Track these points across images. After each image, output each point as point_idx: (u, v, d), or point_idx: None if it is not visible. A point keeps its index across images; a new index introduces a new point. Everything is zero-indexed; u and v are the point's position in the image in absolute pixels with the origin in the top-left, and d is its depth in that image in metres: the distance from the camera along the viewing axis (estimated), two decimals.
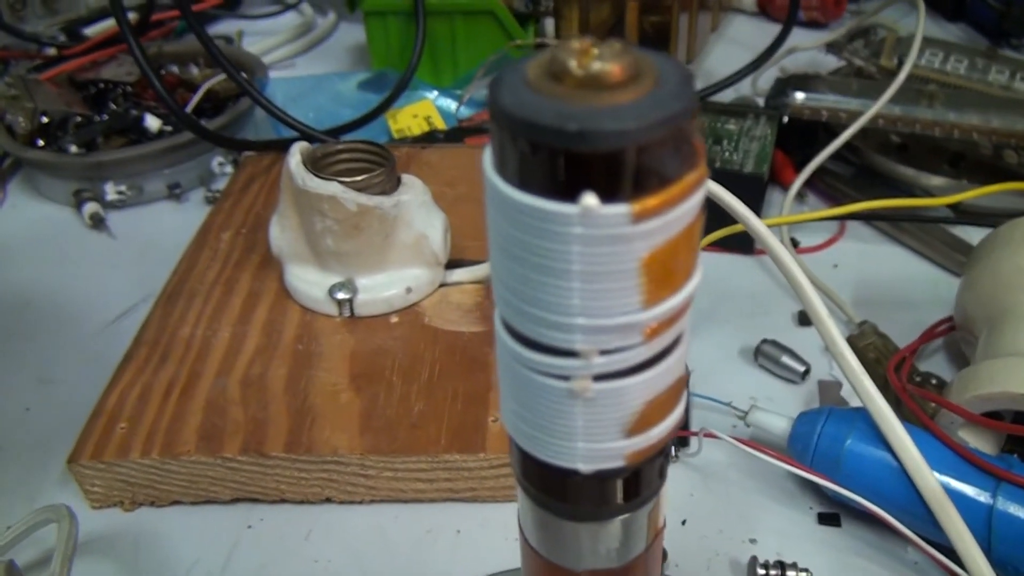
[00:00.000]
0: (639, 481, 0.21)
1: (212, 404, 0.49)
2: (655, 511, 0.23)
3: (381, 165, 0.53)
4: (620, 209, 0.17)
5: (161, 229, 0.71)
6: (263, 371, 0.51)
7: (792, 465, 0.45)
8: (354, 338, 0.53)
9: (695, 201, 0.18)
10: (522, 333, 0.19)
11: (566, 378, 0.19)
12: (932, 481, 0.42)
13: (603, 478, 0.21)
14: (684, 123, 0.17)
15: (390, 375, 0.50)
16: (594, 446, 0.20)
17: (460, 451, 0.46)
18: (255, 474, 0.47)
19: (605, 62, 0.17)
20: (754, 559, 0.44)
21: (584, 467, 0.20)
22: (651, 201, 0.17)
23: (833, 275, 0.62)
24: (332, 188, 0.51)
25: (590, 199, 0.17)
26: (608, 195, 0.17)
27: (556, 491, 0.21)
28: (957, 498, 0.41)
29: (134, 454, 0.47)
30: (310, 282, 0.54)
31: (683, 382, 0.21)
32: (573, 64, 0.17)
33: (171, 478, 0.48)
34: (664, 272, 0.18)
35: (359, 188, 0.51)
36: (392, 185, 0.53)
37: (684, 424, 0.49)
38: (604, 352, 0.19)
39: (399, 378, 0.50)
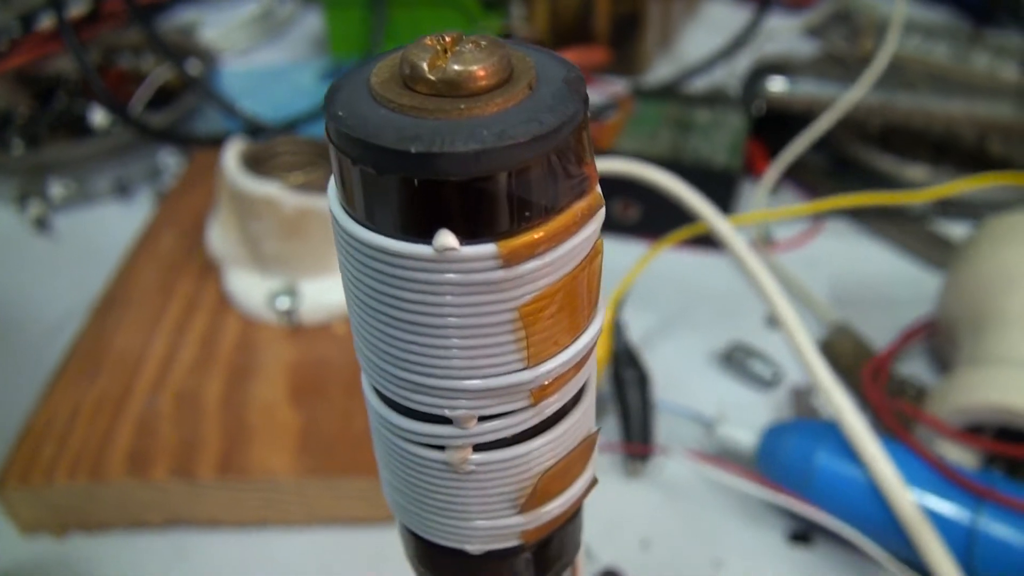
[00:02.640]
0: (546, 555, 0.18)
1: (143, 423, 0.46)
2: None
3: (323, 161, 0.49)
4: (485, 250, 0.13)
5: (107, 230, 0.67)
6: (197, 386, 0.47)
7: (759, 484, 0.42)
8: (295, 349, 0.49)
9: (585, 236, 0.14)
10: (386, 395, 0.16)
11: (441, 448, 0.16)
12: (908, 500, 0.38)
13: (500, 558, 0.17)
14: (566, 139, 0.13)
15: (332, 389, 0.47)
16: (482, 524, 0.16)
17: None
18: (186, 498, 0.44)
19: (465, 63, 0.13)
20: None
21: (473, 548, 0.17)
22: (524, 239, 0.13)
23: (809, 272, 0.59)
24: (268, 189, 0.47)
25: (446, 238, 0.13)
26: (470, 233, 0.13)
27: (447, 571, 0.18)
28: (935, 518, 0.38)
29: (60, 478, 0.43)
30: (250, 287, 0.51)
31: (590, 444, 0.17)
32: (425, 66, 0.13)
33: (100, 502, 0.44)
34: (552, 322, 0.14)
35: (298, 187, 0.47)
36: None
37: (645, 438, 0.46)
38: (484, 418, 0.15)
39: (341, 392, 0.47)
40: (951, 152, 0.65)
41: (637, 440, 0.46)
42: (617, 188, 0.60)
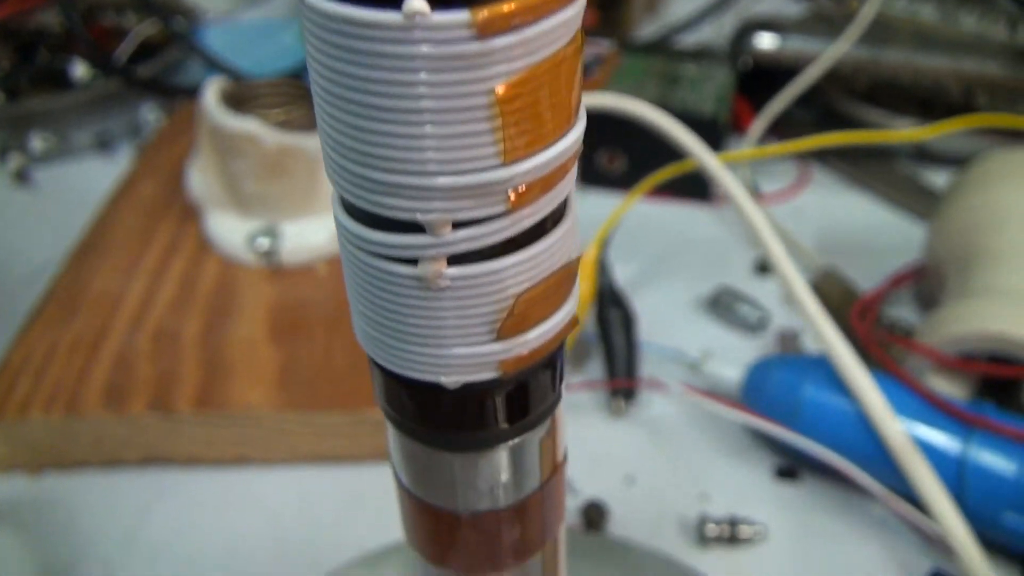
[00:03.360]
0: (524, 398, 0.17)
1: (120, 360, 0.44)
2: (550, 439, 0.18)
3: (304, 101, 0.48)
4: (457, 17, 0.12)
5: (88, 184, 0.65)
6: (176, 325, 0.46)
7: (746, 413, 0.41)
8: (276, 289, 0.48)
9: (563, 19, 0.13)
10: (355, 204, 0.15)
11: (413, 262, 0.15)
12: (898, 429, 0.38)
13: (476, 395, 0.16)
14: None
15: (313, 328, 0.46)
16: (457, 352, 0.15)
17: None
18: (164, 433, 0.43)
19: None
20: (704, 515, 0.39)
21: (448, 380, 0.16)
22: (498, 8, 0.12)
23: (795, 224, 0.58)
24: (249, 126, 0.46)
25: (416, 2, 0.12)
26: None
27: (422, 415, 0.17)
28: (926, 448, 0.37)
29: (35, 413, 0.42)
30: (230, 229, 0.50)
31: (571, 272, 0.16)
32: None
33: (76, 439, 0.43)
34: (529, 114, 0.14)
35: (279, 125, 0.46)
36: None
37: (630, 375, 0.45)
38: (458, 225, 0.14)
39: (323, 331, 0.46)
40: (938, 107, 0.64)
41: (622, 378, 0.45)
42: (602, 139, 0.59)
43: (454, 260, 0.15)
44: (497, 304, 0.15)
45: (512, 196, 0.14)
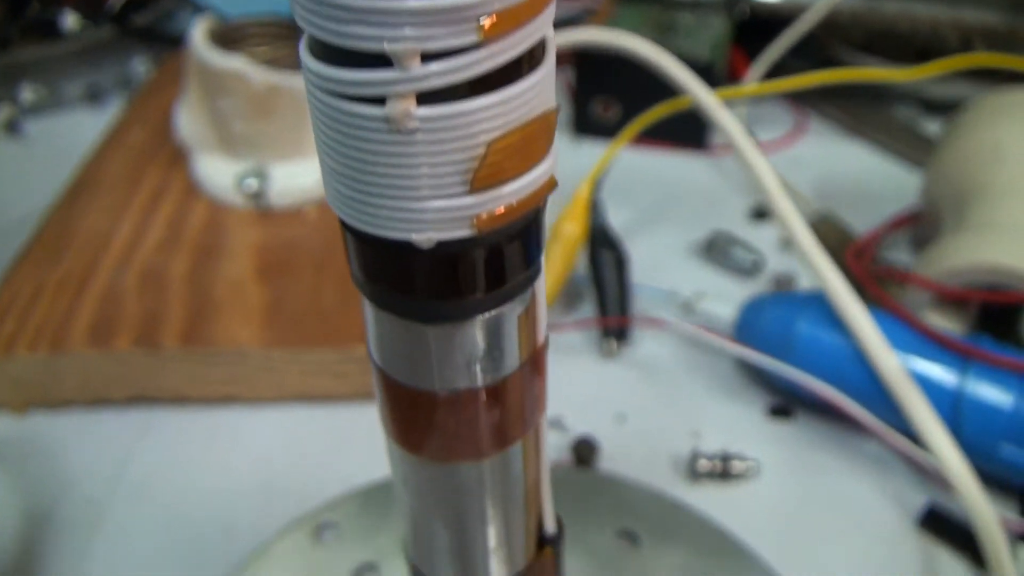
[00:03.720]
0: (499, 265, 0.16)
1: (106, 298, 0.44)
2: (529, 317, 0.17)
3: (293, 39, 0.47)
4: None
5: (78, 135, 0.64)
6: (163, 266, 0.45)
7: (739, 346, 0.40)
8: (264, 231, 0.47)
9: None
10: (321, 39, 0.14)
11: (381, 101, 0.14)
12: (893, 362, 0.37)
13: (450, 256, 0.15)
14: None
15: (302, 268, 0.45)
16: (429, 206, 0.15)
17: None
18: (150, 371, 0.42)
19: None
20: (695, 451, 0.39)
21: (420, 238, 0.15)
22: None
23: (792, 172, 0.57)
24: (237, 64, 0.45)
25: None
26: None
27: (395, 281, 0.16)
28: (922, 381, 0.37)
29: (20, 350, 0.41)
30: (218, 171, 0.49)
31: (548, 125, 0.15)
32: None
33: (62, 376, 0.42)
34: None
35: (267, 63, 0.45)
36: None
37: (622, 313, 0.44)
38: (428, 57, 0.13)
39: (311, 270, 0.45)
40: (935, 57, 0.63)
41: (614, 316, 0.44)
42: (597, 87, 0.58)
43: (424, 99, 0.14)
44: (469, 152, 0.14)
45: (485, 24, 0.13)
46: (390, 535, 0.36)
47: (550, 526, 0.22)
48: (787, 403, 0.42)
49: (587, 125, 0.60)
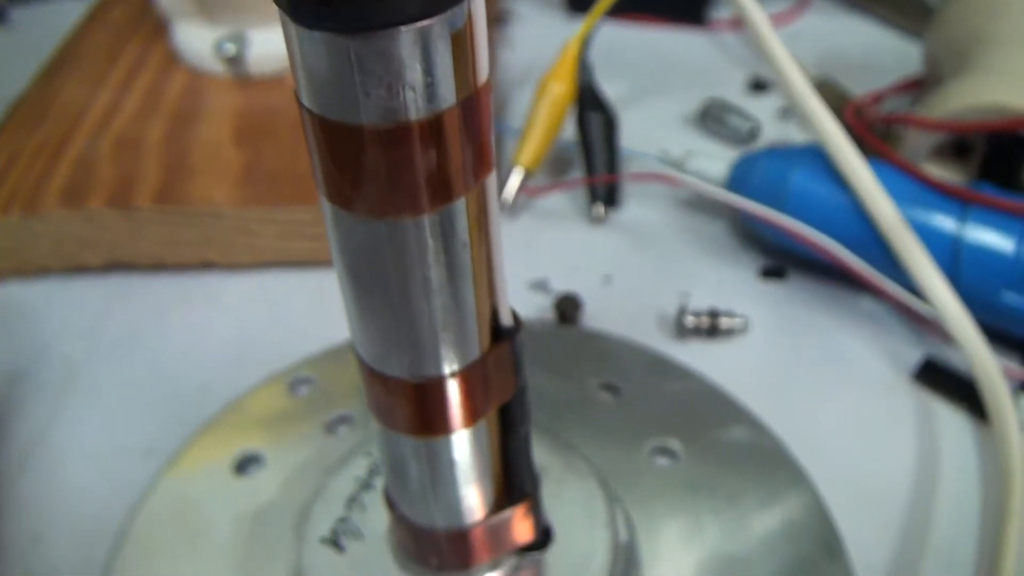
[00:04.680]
0: None
1: (81, 164, 0.42)
2: (464, 41, 0.15)
3: None
4: None
5: (64, 25, 0.62)
6: (140, 132, 0.44)
7: (732, 196, 0.38)
8: (243, 97, 0.45)
9: None
10: None
11: None
12: (890, 210, 0.35)
13: None
14: None
15: (279, 133, 0.43)
16: None
17: None
18: (125, 233, 0.40)
19: None
20: (683, 307, 0.37)
21: None
22: None
23: (793, 47, 0.54)
24: None
25: None
26: None
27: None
28: (920, 229, 0.35)
29: None
30: (197, 38, 0.47)
31: None
32: None
33: (35, 240, 0.41)
34: None
35: None
36: None
37: (611, 171, 0.42)
38: None
39: (289, 135, 0.43)
40: None
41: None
42: None
43: None
44: None
45: None
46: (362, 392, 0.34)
47: (506, 318, 0.20)
48: (780, 264, 0.40)
49: (581, 1, 0.57)
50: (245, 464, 0.33)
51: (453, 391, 0.19)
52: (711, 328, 0.36)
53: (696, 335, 0.37)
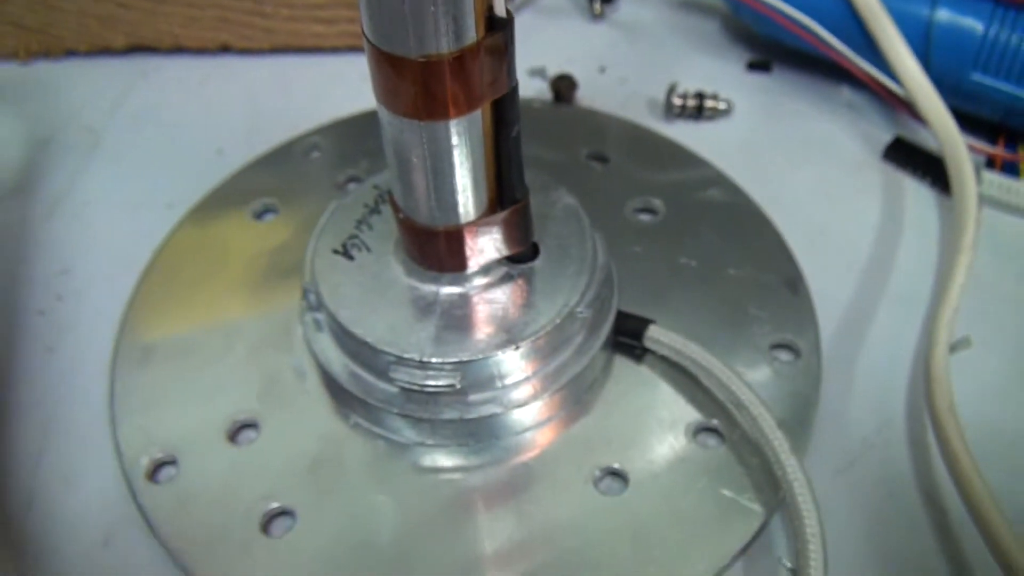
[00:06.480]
0: None
1: None
2: None
3: None
4: None
5: None
6: None
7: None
8: None
9: None
10: None
11: None
12: None
13: None
14: None
15: None
16: None
17: None
18: (145, 11, 0.42)
19: None
20: (672, 86, 0.38)
21: None
22: None
23: None
24: None
25: None
26: None
27: None
28: (895, 11, 0.36)
29: None
30: None
31: None
32: None
33: (60, 18, 0.42)
34: None
35: None
36: None
37: None
38: None
39: None
40: None
41: None
42: None
43: None
44: None
45: None
46: (374, 156, 0.36)
47: (500, 10, 0.22)
48: (766, 58, 0.41)
49: None
50: (261, 212, 0.35)
51: (453, 71, 0.21)
52: (698, 108, 0.38)
53: (683, 116, 0.39)
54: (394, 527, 0.26)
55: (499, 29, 0.22)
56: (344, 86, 0.41)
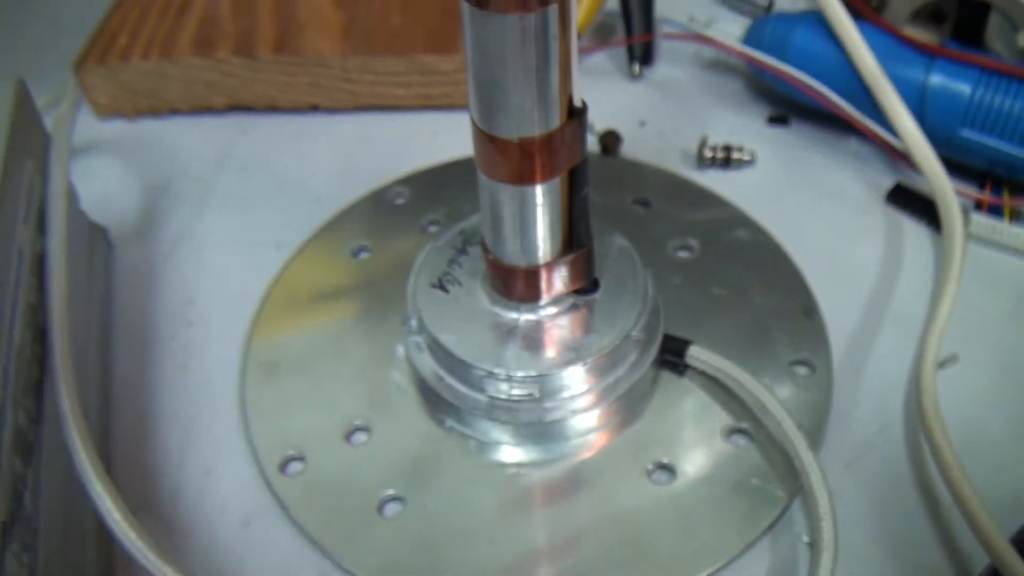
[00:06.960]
0: None
1: (206, 19, 0.49)
2: None
3: None
4: None
5: None
6: None
7: (745, 49, 0.45)
8: None
9: None
10: None
11: None
12: (871, 61, 0.42)
13: None
14: None
15: None
16: None
17: (434, 52, 0.46)
18: (246, 79, 0.48)
19: None
20: (703, 139, 0.45)
21: None
22: None
23: None
24: None
25: None
26: None
27: None
28: (895, 77, 0.42)
29: (135, 59, 0.48)
30: None
31: None
32: None
33: (169, 84, 0.48)
34: None
35: None
36: None
37: (649, 27, 0.50)
38: None
39: None
40: None
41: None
42: None
43: None
44: None
45: None
46: (451, 203, 0.42)
47: (577, 102, 0.28)
48: (784, 113, 0.47)
49: None
50: (357, 251, 0.41)
51: (541, 149, 0.27)
52: (725, 159, 0.44)
53: (713, 165, 0.44)
54: (482, 511, 0.31)
55: (577, 116, 0.28)
56: (420, 140, 0.47)
